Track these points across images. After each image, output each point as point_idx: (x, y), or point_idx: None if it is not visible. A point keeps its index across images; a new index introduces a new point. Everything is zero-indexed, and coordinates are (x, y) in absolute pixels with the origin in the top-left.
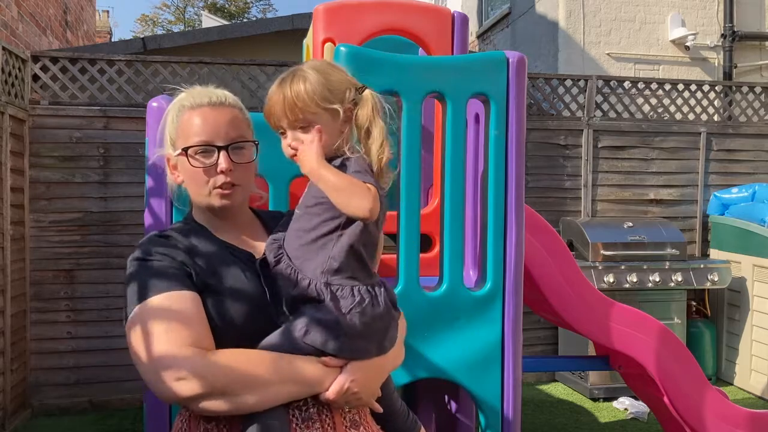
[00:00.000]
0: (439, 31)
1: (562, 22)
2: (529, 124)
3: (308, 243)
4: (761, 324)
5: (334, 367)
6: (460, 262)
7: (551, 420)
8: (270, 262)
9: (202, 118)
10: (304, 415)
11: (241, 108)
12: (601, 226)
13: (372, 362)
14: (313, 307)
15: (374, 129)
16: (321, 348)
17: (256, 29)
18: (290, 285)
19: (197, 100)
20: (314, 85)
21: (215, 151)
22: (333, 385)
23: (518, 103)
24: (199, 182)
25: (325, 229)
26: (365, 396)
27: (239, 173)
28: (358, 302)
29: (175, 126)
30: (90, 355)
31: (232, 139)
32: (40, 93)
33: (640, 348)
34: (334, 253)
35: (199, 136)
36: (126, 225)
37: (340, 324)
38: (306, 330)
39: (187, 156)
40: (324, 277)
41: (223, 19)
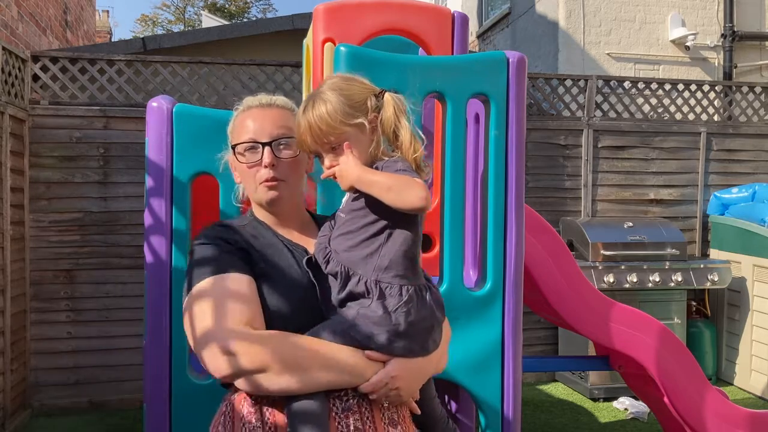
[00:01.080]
0: (439, 31)
1: (562, 22)
2: (529, 124)
3: (357, 244)
4: (761, 324)
5: (377, 361)
6: (460, 262)
7: (551, 420)
8: (320, 263)
9: (252, 118)
10: (344, 405)
11: (291, 108)
12: (601, 226)
13: (414, 362)
14: (361, 304)
15: (400, 131)
16: (366, 343)
17: (256, 29)
18: (341, 282)
19: (249, 103)
20: (335, 104)
21: (260, 147)
22: (374, 377)
23: (518, 103)
24: (248, 177)
25: (372, 230)
26: (404, 394)
27: (283, 168)
28: (405, 301)
29: (232, 128)
30: (90, 355)
31: (276, 136)
32: (40, 93)
33: (640, 348)
34: (384, 251)
35: (247, 135)
36: (126, 225)
37: (386, 321)
38: (353, 324)
39: (235, 153)
40: (374, 274)
41: (223, 19)
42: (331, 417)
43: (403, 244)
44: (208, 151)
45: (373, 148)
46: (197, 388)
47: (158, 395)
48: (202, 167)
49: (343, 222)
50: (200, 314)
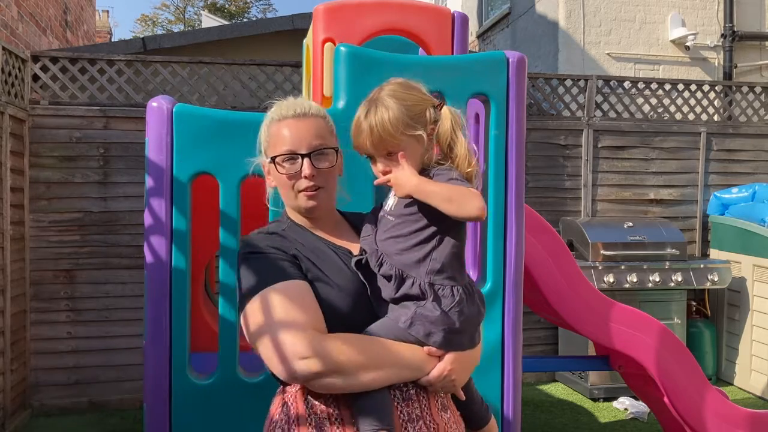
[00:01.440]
0: (439, 31)
1: (562, 21)
2: (529, 124)
3: (409, 248)
4: (761, 324)
5: (435, 356)
6: None
7: (551, 420)
8: (373, 266)
9: (288, 129)
10: (404, 395)
11: (324, 116)
12: (601, 226)
13: (466, 354)
14: (416, 304)
15: (456, 145)
16: (423, 340)
17: (256, 29)
18: (394, 284)
19: (283, 113)
20: (396, 114)
21: (299, 158)
22: (434, 371)
23: (518, 103)
24: (287, 187)
25: (424, 235)
26: (458, 383)
27: (322, 177)
28: (458, 301)
29: (266, 137)
30: (90, 355)
31: (314, 147)
32: (40, 93)
33: (640, 348)
34: (436, 255)
35: (285, 146)
36: (126, 225)
37: (442, 320)
38: (411, 323)
39: (275, 164)
40: (428, 277)
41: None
42: (393, 407)
43: (453, 247)
44: (208, 151)
45: (427, 156)
46: (197, 388)
47: (158, 395)
48: (202, 167)
49: (392, 225)
50: (268, 323)
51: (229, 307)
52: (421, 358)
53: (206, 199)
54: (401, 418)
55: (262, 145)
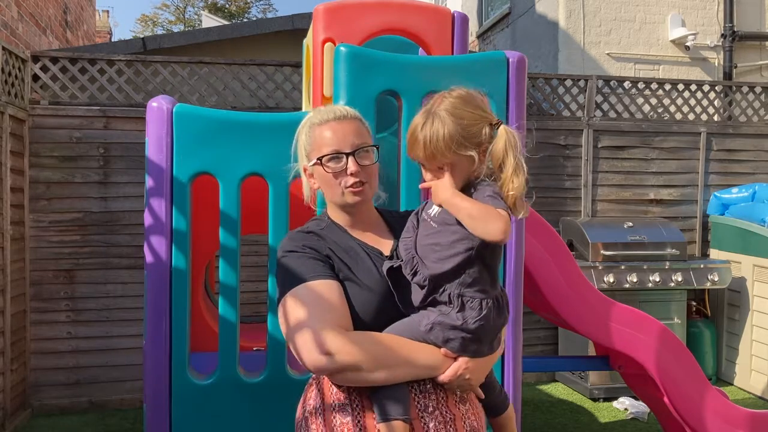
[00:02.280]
0: (438, 31)
1: (562, 22)
2: (529, 124)
3: (445, 258)
4: (761, 324)
5: (451, 357)
6: None
7: (551, 420)
8: (406, 274)
9: (331, 131)
10: (422, 389)
11: (361, 119)
12: (601, 226)
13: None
14: (441, 311)
15: (507, 165)
16: (441, 345)
17: (256, 29)
18: (425, 292)
19: (324, 117)
20: (451, 131)
21: (344, 157)
22: (448, 371)
23: (518, 103)
24: (333, 185)
25: (461, 248)
26: (474, 383)
27: (365, 173)
28: (485, 315)
29: (309, 141)
30: (90, 355)
31: (356, 145)
32: (40, 93)
33: (640, 348)
34: (470, 269)
35: (330, 146)
36: (126, 225)
37: (462, 330)
38: (431, 328)
39: (321, 164)
40: (458, 288)
41: (223, 19)
42: (410, 398)
43: (488, 260)
44: (208, 151)
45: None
46: (197, 388)
47: (158, 395)
48: (202, 167)
49: (434, 231)
50: (297, 318)
51: (230, 307)
52: (437, 358)
53: (207, 199)
54: (418, 409)
55: (304, 149)
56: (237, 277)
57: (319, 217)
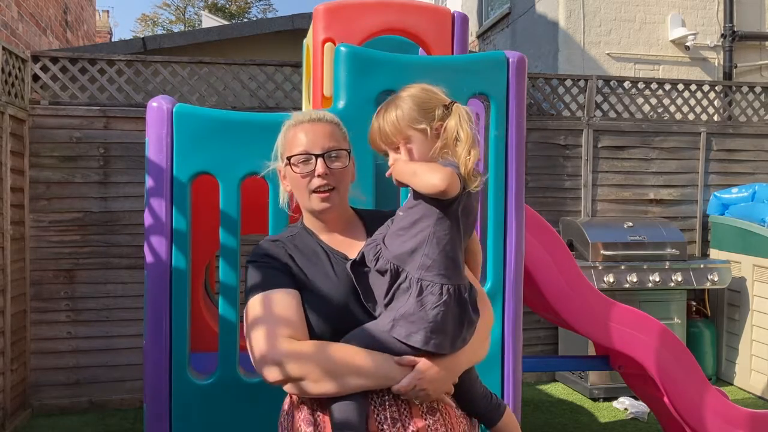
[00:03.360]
0: (438, 31)
1: (562, 22)
2: (529, 124)
3: (406, 241)
4: (761, 324)
5: (406, 366)
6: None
7: (551, 420)
8: (369, 261)
9: (303, 132)
10: (381, 399)
11: (338, 123)
12: (601, 226)
13: (441, 364)
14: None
15: (461, 137)
16: (405, 341)
17: (256, 29)
18: (390, 279)
19: (300, 118)
20: (405, 110)
21: (313, 158)
22: (403, 381)
23: (518, 103)
24: (301, 187)
25: (419, 227)
26: (433, 393)
27: (335, 178)
28: (444, 302)
29: (284, 141)
30: (90, 355)
31: (328, 148)
32: (40, 93)
33: (640, 348)
34: (428, 250)
35: (300, 147)
36: (126, 225)
37: (423, 319)
38: (392, 325)
39: (290, 165)
40: (418, 272)
41: (223, 19)
42: (370, 410)
43: (447, 244)
44: (208, 151)
45: (434, 152)
46: (197, 388)
47: (158, 395)
48: (202, 167)
49: (400, 218)
50: (253, 328)
51: (230, 307)
52: (388, 368)
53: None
54: (377, 421)
55: (279, 150)
56: (237, 277)
57: (294, 224)
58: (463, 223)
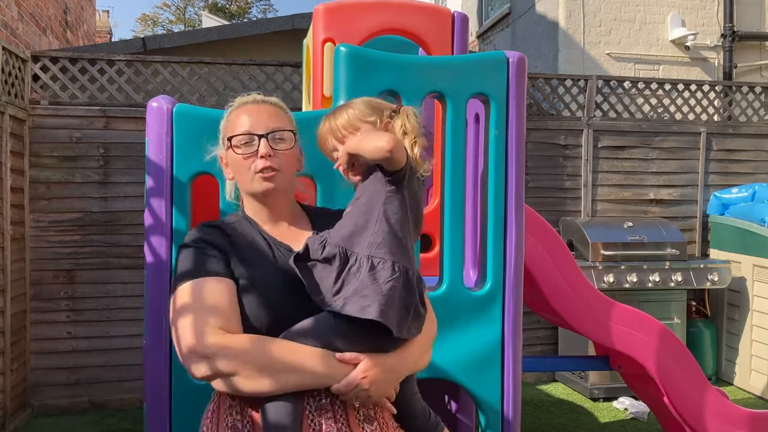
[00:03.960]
0: (438, 31)
1: (562, 22)
2: (529, 124)
3: (355, 223)
4: (761, 324)
5: (348, 364)
6: (460, 262)
7: (551, 420)
8: (314, 251)
9: (246, 113)
10: (317, 404)
11: (283, 107)
12: (601, 226)
13: (385, 363)
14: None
15: (408, 128)
16: (359, 315)
17: (256, 29)
18: (339, 265)
19: (243, 101)
20: (356, 108)
21: (256, 139)
22: (344, 379)
23: (518, 103)
24: (243, 169)
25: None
26: (375, 394)
27: (279, 159)
28: (396, 278)
29: (226, 124)
30: (90, 355)
31: (271, 128)
32: (40, 93)
33: (640, 348)
34: (377, 228)
35: (242, 127)
36: (126, 225)
37: (377, 293)
38: (344, 303)
39: (232, 146)
40: (368, 249)
41: (223, 19)
42: (304, 416)
43: (396, 224)
44: (208, 152)
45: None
46: (197, 388)
47: (158, 395)
48: (202, 167)
49: (346, 213)
50: (180, 318)
51: None
52: (329, 365)
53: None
54: (312, 428)
55: (221, 134)
56: None
57: (236, 212)
58: (411, 206)
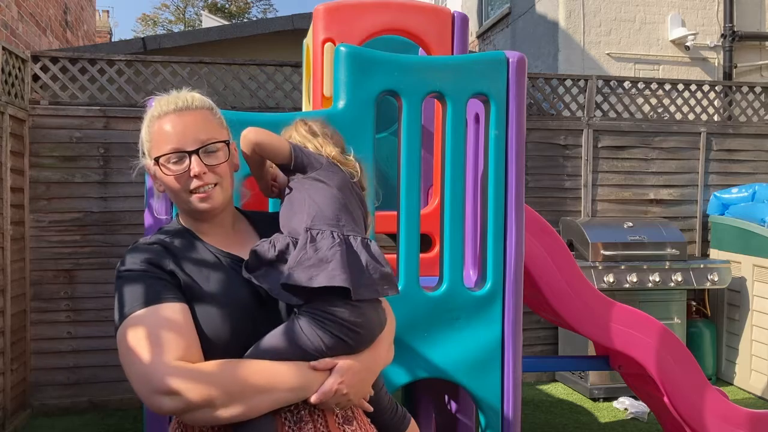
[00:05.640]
0: (439, 31)
1: (562, 22)
2: (529, 124)
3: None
4: (761, 324)
5: (323, 371)
6: (460, 262)
7: (551, 420)
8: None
9: (171, 125)
10: (296, 417)
11: (210, 107)
12: (601, 226)
13: (361, 362)
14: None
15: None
16: (306, 284)
17: (256, 29)
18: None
19: (164, 108)
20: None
21: (186, 156)
22: (322, 387)
23: (518, 103)
24: (177, 190)
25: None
26: (353, 398)
27: (214, 174)
28: (338, 243)
29: (149, 137)
30: (90, 355)
31: (201, 142)
32: (40, 93)
33: (640, 348)
34: (308, 208)
35: (169, 144)
36: (126, 225)
37: (322, 260)
38: (289, 274)
39: (159, 166)
40: (307, 221)
41: (223, 19)
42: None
43: (324, 201)
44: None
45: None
46: None
47: None
48: None
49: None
50: (134, 350)
51: None
52: (304, 377)
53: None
54: None
55: (144, 146)
56: None
57: (170, 224)
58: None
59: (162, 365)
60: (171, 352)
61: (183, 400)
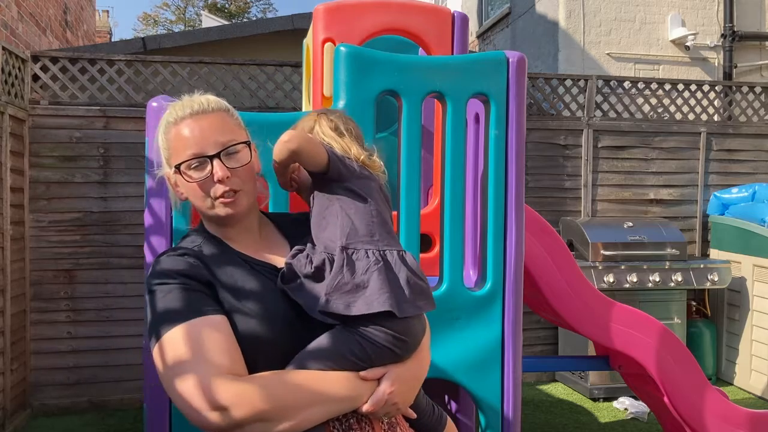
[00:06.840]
0: (439, 31)
1: (562, 22)
2: (529, 124)
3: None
4: (761, 324)
5: (372, 380)
6: (460, 262)
7: (551, 420)
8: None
9: (188, 129)
10: (345, 426)
11: (226, 109)
12: (601, 226)
13: (409, 370)
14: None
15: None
16: (345, 312)
17: (256, 29)
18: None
19: (179, 114)
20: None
21: (208, 161)
22: (372, 398)
23: (518, 103)
24: (200, 196)
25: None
26: (402, 406)
27: (238, 178)
28: (374, 261)
29: (166, 144)
30: (90, 355)
31: (222, 145)
32: (40, 93)
33: (640, 348)
34: (342, 223)
35: (189, 150)
36: (126, 225)
37: (359, 286)
38: (327, 300)
39: (180, 173)
40: (342, 239)
41: (223, 19)
42: None
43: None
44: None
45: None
46: None
47: (158, 395)
48: None
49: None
50: (177, 367)
51: None
52: (354, 387)
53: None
54: None
55: (162, 154)
56: None
57: (195, 230)
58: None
59: (210, 380)
60: (216, 367)
61: (233, 416)
